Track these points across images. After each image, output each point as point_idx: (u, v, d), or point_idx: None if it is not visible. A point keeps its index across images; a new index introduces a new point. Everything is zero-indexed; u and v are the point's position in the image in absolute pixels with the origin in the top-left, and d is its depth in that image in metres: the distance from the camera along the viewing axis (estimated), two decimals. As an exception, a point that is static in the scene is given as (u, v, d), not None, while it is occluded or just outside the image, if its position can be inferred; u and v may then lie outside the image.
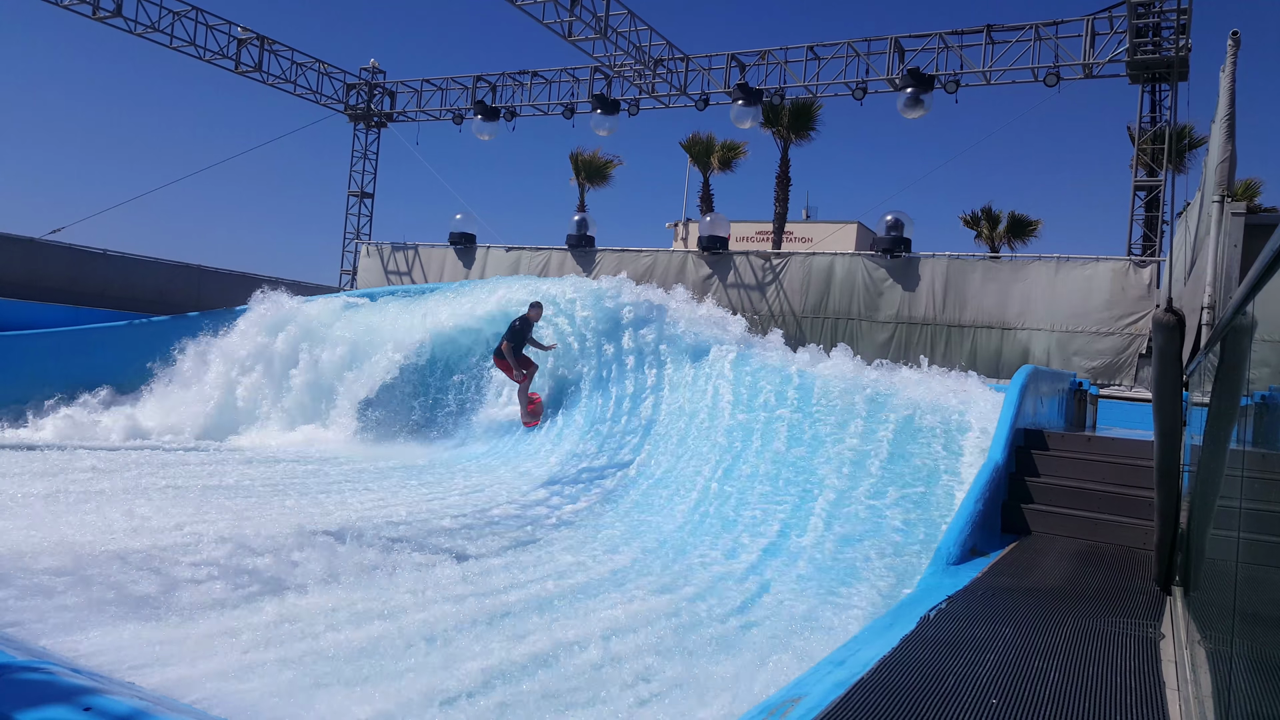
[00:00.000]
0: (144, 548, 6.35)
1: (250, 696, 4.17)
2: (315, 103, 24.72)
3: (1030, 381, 8.62)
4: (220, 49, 21.29)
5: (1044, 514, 7.14)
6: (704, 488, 9.63)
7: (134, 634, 4.77)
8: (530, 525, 8.59)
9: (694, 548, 8.02)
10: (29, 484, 8.40)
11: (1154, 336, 4.53)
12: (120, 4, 18.96)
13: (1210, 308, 7.20)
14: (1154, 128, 17.05)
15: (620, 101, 21.86)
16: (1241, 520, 2.35)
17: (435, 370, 14.07)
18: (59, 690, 2.77)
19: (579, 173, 32.02)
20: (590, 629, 5.44)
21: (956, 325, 15.70)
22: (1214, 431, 3.30)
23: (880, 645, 3.97)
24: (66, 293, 17.07)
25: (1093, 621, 4.62)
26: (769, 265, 17.68)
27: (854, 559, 7.58)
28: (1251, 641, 2.00)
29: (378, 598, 5.73)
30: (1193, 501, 4.33)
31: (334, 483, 9.88)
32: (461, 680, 4.51)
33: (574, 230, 19.93)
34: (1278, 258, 1.81)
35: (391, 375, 13.67)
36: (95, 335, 14.91)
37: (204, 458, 11.08)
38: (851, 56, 19.21)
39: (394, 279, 22.19)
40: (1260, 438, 2.23)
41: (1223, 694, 2.36)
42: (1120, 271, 14.56)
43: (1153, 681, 3.71)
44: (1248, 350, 2.45)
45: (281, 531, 7.12)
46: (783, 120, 25.73)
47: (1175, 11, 15.95)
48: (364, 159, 25.84)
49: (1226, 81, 7.56)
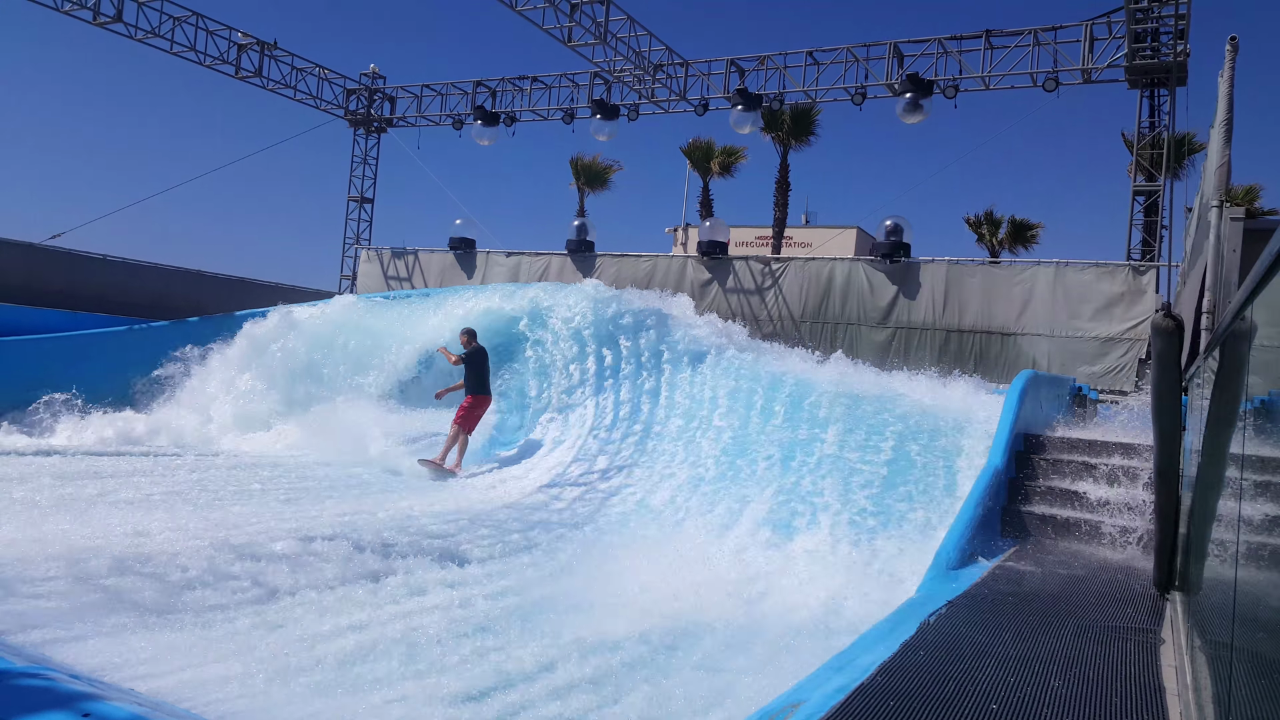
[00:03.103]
0: (142, 553, 6.33)
1: (247, 702, 4.16)
2: (315, 108, 24.75)
3: (1030, 386, 8.62)
4: (220, 54, 21.32)
5: (1044, 518, 7.13)
6: (704, 491, 9.63)
7: (132, 640, 4.76)
8: (530, 528, 8.58)
9: (694, 550, 8.01)
10: (28, 489, 8.39)
11: (1153, 341, 4.53)
12: (120, 9, 18.99)
13: (1209, 312, 7.20)
14: (1153, 133, 17.08)
15: (620, 107, 21.89)
16: (1241, 524, 2.35)
17: (436, 374, 14.06)
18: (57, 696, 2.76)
19: (578, 178, 32.06)
20: (591, 632, 5.43)
21: (956, 330, 15.71)
22: (1213, 435, 3.30)
23: (880, 650, 3.96)
24: (66, 298, 17.07)
25: (1092, 626, 4.61)
26: (768, 270, 17.69)
27: (855, 562, 7.57)
28: (1252, 645, 2.00)
29: (376, 602, 5.73)
30: (1192, 505, 4.32)
31: (331, 487, 9.87)
32: (462, 685, 4.50)
33: (574, 235, 19.94)
34: (1277, 262, 1.81)
35: (391, 380, 13.68)
36: (94, 340, 14.90)
37: (202, 463, 11.06)
38: (850, 62, 19.24)
39: (394, 284, 22.19)
40: (1259, 441, 2.23)
41: (1223, 698, 2.36)
42: (1120, 276, 14.57)
43: (1153, 685, 3.70)
44: (1247, 354, 2.45)
45: (279, 536, 7.11)
46: (782, 125, 25.78)
47: (1174, 17, 15.98)
48: (364, 164, 25.87)
49: (1225, 87, 7.58)
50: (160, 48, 20.25)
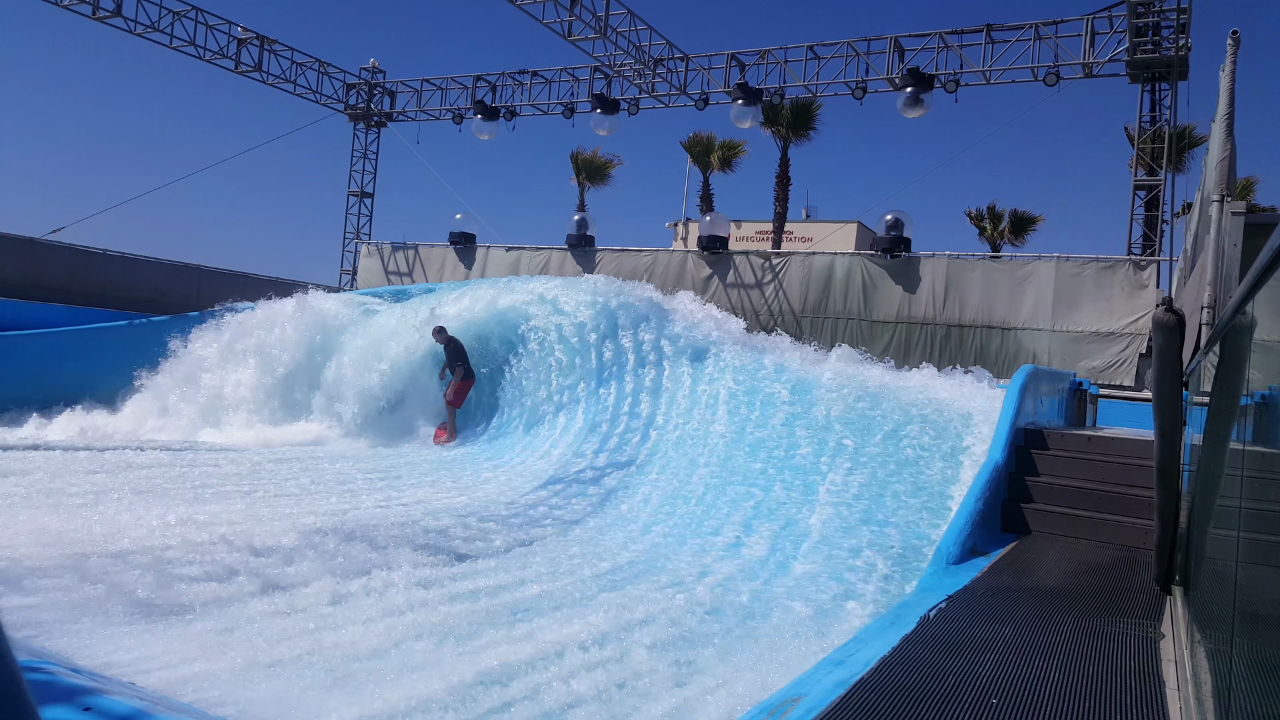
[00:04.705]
0: (143, 547, 6.35)
1: (249, 697, 4.17)
2: (315, 102, 24.73)
3: (1030, 381, 8.62)
4: (220, 49, 21.30)
5: (1044, 513, 7.14)
6: (704, 486, 9.63)
7: (134, 633, 4.77)
8: (530, 524, 8.58)
9: (694, 546, 8.02)
10: (28, 484, 8.40)
11: (1154, 336, 4.53)
12: (120, 4, 18.96)
13: (1210, 307, 7.19)
14: (1154, 127, 17.05)
15: (620, 101, 21.86)
16: (1241, 520, 2.35)
17: (435, 370, 14.06)
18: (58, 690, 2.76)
19: (579, 172, 32.04)
20: (591, 629, 5.43)
21: (956, 325, 15.70)
22: (1214, 431, 3.30)
23: (880, 645, 3.96)
24: (66, 293, 17.07)
25: (1093, 621, 4.62)
26: (769, 265, 17.67)
27: (854, 558, 7.57)
28: (1251, 641, 2.00)
29: (376, 597, 5.73)
30: (1193, 501, 4.32)
31: (332, 482, 9.88)
32: (462, 681, 4.50)
33: (574, 230, 19.93)
34: (1277, 257, 1.80)
35: (392, 375, 13.68)
36: (95, 335, 14.90)
37: (204, 457, 11.07)
38: (851, 56, 19.21)
39: (394, 279, 22.19)
40: (1260, 437, 2.23)
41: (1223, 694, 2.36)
42: (1121, 271, 14.56)
43: (1153, 681, 3.71)
44: (1247, 349, 2.45)
45: (281, 530, 7.12)
46: (783, 120, 25.75)
47: (1175, 11, 15.96)
48: (364, 159, 25.84)
49: (1226, 81, 7.56)
50: (160, 42, 20.23)
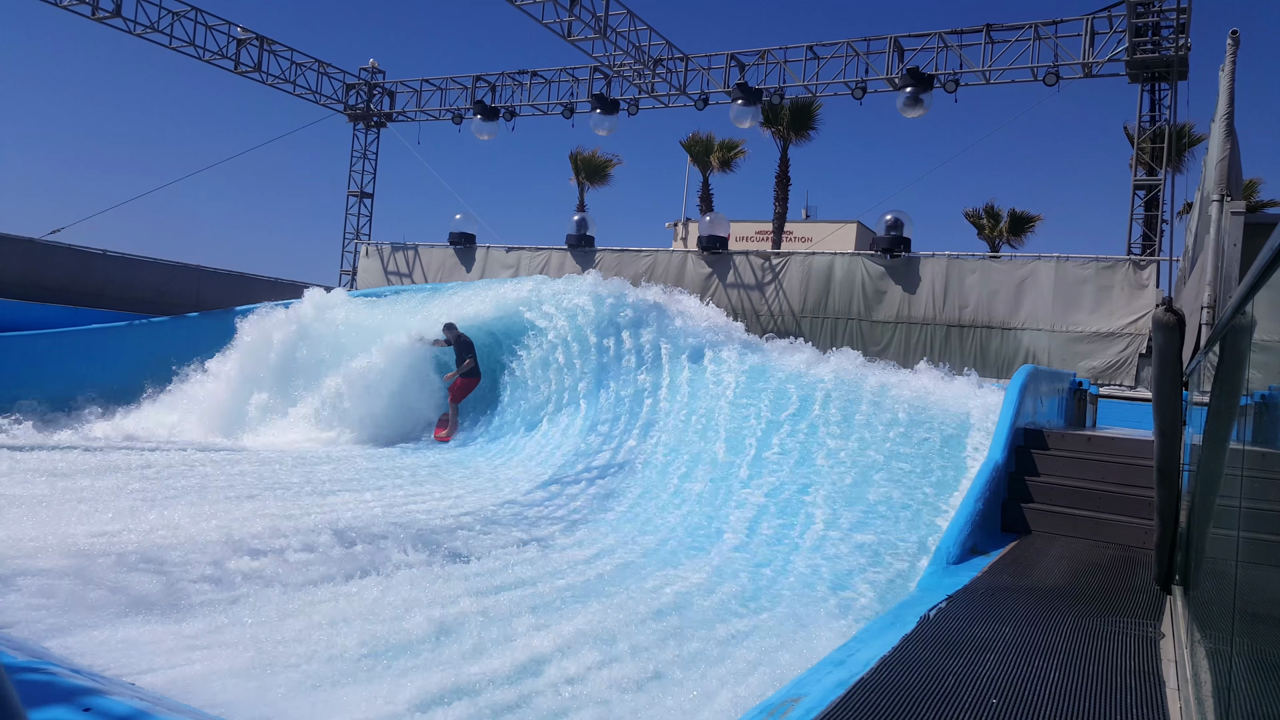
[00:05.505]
0: (144, 547, 6.34)
1: (249, 697, 4.17)
2: (315, 103, 24.73)
3: (1030, 381, 8.62)
4: (219, 49, 21.29)
5: (1044, 513, 7.14)
6: (704, 486, 9.63)
7: (134, 634, 4.76)
8: (531, 524, 8.58)
9: (695, 545, 8.02)
10: (29, 484, 8.39)
11: (1154, 336, 4.53)
12: (119, 4, 18.96)
13: (1210, 307, 7.19)
14: (1153, 127, 17.06)
15: (620, 101, 21.85)
16: (1241, 519, 2.35)
17: (435, 370, 14.07)
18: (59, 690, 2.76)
19: (578, 172, 32.02)
20: (591, 628, 5.43)
21: (956, 325, 15.70)
22: (1213, 431, 3.30)
23: (880, 645, 3.96)
24: (66, 293, 17.08)
25: (1093, 621, 4.62)
26: (769, 265, 17.68)
27: (854, 558, 7.58)
28: (1251, 640, 2.00)
29: (377, 597, 5.73)
30: (1192, 501, 4.33)
31: (335, 481, 9.87)
32: (463, 681, 4.50)
33: (574, 230, 19.93)
34: (1277, 257, 1.80)
35: (392, 375, 13.66)
36: (95, 336, 14.90)
37: (204, 458, 11.06)
38: (851, 56, 19.21)
39: (394, 279, 22.19)
40: (1259, 437, 2.23)
41: (1223, 693, 2.36)
42: (1120, 271, 14.56)
43: (1153, 681, 3.71)
44: (1247, 349, 2.45)
45: (282, 530, 7.12)
46: (782, 120, 25.73)
47: (1175, 11, 15.96)
48: (363, 159, 25.84)
49: (1226, 81, 7.56)
50: (159, 43, 20.23)
